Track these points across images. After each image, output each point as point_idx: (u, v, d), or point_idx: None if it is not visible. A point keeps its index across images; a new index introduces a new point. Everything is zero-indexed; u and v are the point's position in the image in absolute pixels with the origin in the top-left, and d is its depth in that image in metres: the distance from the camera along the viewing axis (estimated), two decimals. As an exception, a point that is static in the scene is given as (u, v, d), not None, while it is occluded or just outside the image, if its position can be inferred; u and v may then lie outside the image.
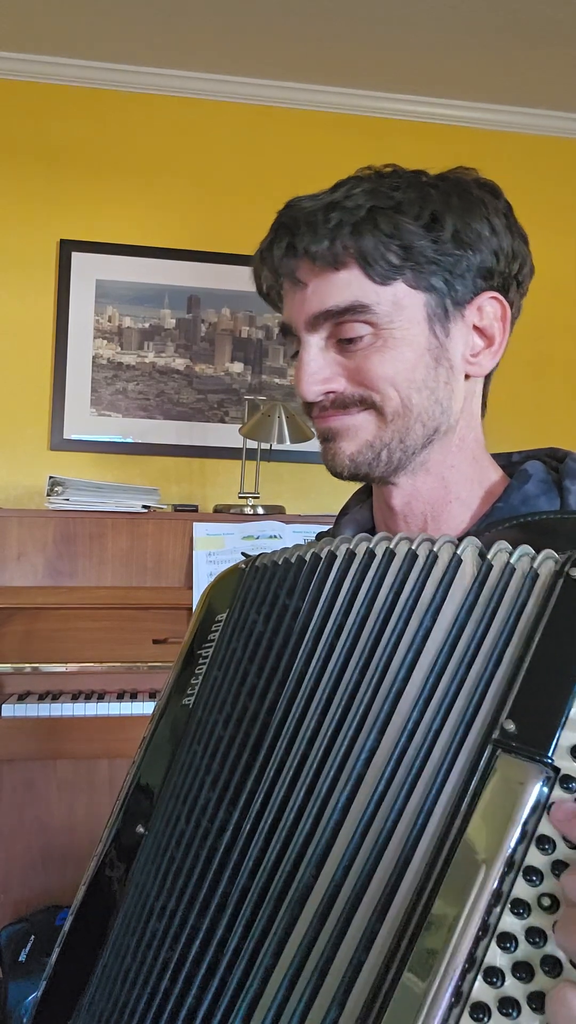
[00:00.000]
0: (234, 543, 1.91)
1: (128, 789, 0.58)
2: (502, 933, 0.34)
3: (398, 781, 0.40)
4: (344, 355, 0.62)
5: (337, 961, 0.39)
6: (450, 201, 0.61)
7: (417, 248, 0.59)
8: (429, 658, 0.43)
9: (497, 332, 0.63)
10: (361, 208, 0.59)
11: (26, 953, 1.65)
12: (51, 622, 1.79)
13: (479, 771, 0.38)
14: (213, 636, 0.58)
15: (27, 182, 2.27)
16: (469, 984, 0.33)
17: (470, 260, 0.60)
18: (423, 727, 0.41)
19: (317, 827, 0.43)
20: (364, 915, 0.39)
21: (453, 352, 0.62)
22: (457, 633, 0.42)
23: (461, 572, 0.44)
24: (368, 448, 0.62)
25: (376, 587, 0.47)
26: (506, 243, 0.62)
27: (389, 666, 0.44)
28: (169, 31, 2.12)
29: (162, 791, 0.55)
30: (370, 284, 0.59)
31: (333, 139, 2.38)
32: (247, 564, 0.59)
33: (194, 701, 0.57)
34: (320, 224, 0.59)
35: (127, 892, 0.53)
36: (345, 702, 0.45)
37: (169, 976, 0.46)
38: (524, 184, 2.48)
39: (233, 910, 0.44)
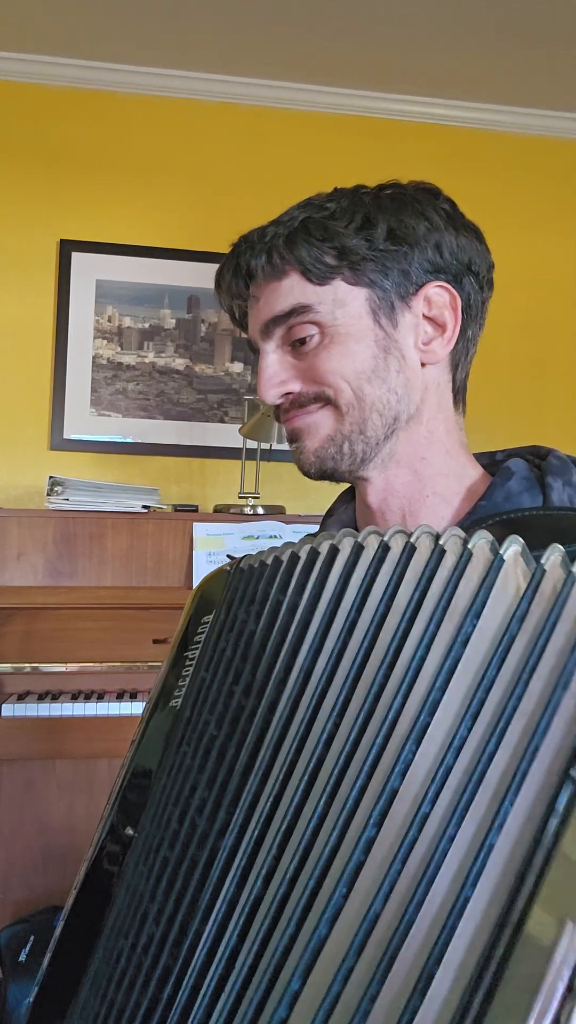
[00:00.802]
0: (234, 543, 1.91)
1: (118, 792, 0.58)
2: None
3: (445, 800, 0.37)
4: (298, 358, 0.65)
5: (382, 1001, 0.35)
6: (382, 204, 0.64)
7: (350, 247, 0.62)
8: (473, 667, 0.39)
9: (448, 320, 0.65)
10: (295, 220, 0.63)
11: (26, 953, 1.65)
12: (51, 622, 1.79)
13: (558, 812, 0.33)
14: (199, 638, 0.58)
15: (27, 182, 2.27)
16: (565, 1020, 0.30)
17: (408, 254, 0.63)
18: (471, 744, 0.37)
19: (343, 838, 0.40)
20: (413, 953, 0.35)
21: (403, 342, 0.64)
22: (508, 642, 0.38)
23: (504, 573, 0.40)
24: (329, 442, 0.64)
25: (396, 583, 0.44)
26: (448, 237, 0.64)
27: (421, 670, 0.40)
28: (169, 31, 2.12)
29: (151, 793, 0.54)
30: (310, 286, 0.63)
31: (332, 139, 2.38)
32: (232, 566, 0.59)
33: (182, 703, 0.56)
34: (258, 241, 0.64)
35: (118, 895, 0.52)
36: (369, 704, 0.42)
37: (159, 977, 0.45)
38: (524, 184, 2.49)
39: (232, 912, 0.44)
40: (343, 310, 0.63)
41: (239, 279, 0.67)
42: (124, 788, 0.58)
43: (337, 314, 0.63)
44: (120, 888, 0.52)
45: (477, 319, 0.68)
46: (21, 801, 1.88)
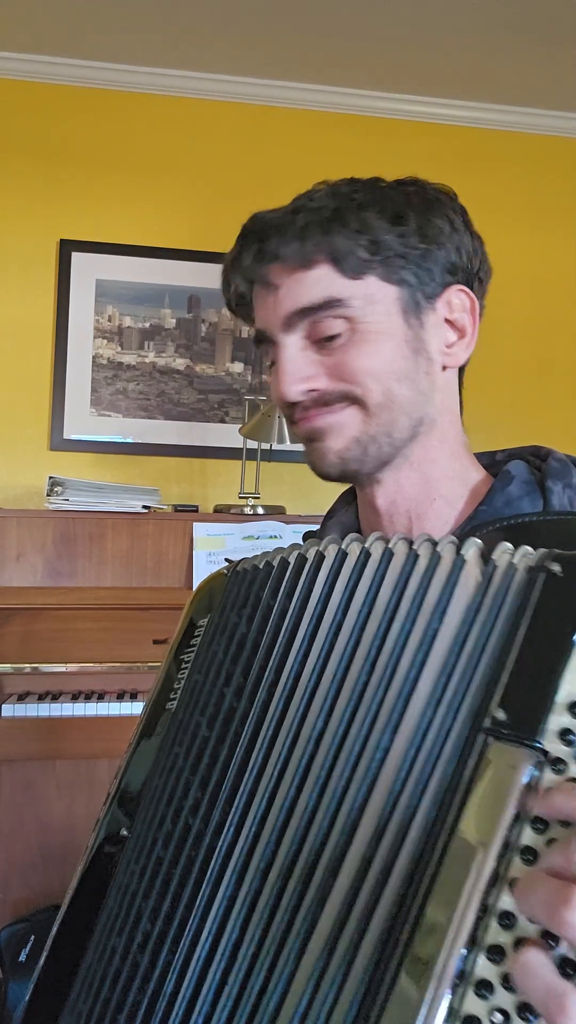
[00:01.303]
0: (234, 543, 1.91)
1: (114, 793, 0.59)
2: (502, 912, 0.34)
3: (413, 779, 0.41)
4: (322, 353, 0.62)
5: (334, 959, 0.39)
6: (410, 200, 0.62)
7: (385, 242, 0.60)
8: (439, 658, 0.42)
9: (468, 324, 0.64)
10: (327, 208, 0.60)
11: (26, 953, 1.66)
12: (51, 622, 1.79)
13: (472, 759, 0.39)
14: (195, 642, 0.59)
15: (27, 182, 2.27)
16: (471, 963, 0.34)
17: (435, 254, 0.62)
18: (435, 726, 0.41)
19: (323, 824, 0.43)
20: (362, 904, 0.39)
21: (429, 343, 0.63)
22: (466, 632, 0.42)
23: (466, 573, 0.44)
24: (355, 444, 0.62)
25: (376, 587, 0.47)
26: (466, 240, 0.64)
27: (398, 666, 0.44)
28: (170, 30, 2.12)
29: (142, 795, 0.55)
30: (342, 279, 0.60)
31: (334, 139, 2.38)
32: (229, 569, 0.59)
33: (176, 705, 0.57)
34: (288, 226, 0.60)
35: (110, 895, 0.53)
36: (354, 702, 0.44)
37: (159, 975, 0.46)
38: (526, 184, 2.48)
39: (232, 907, 0.44)
40: (374, 307, 0.61)
41: (262, 264, 0.62)
42: (119, 790, 0.58)
43: (368, 311, 0.61)
44: (112, 888, 0.53)
45: (480, 319, 0.68)
46: (21, 801, 1.88)
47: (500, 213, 2.46)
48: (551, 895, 0.32)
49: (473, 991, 0.34)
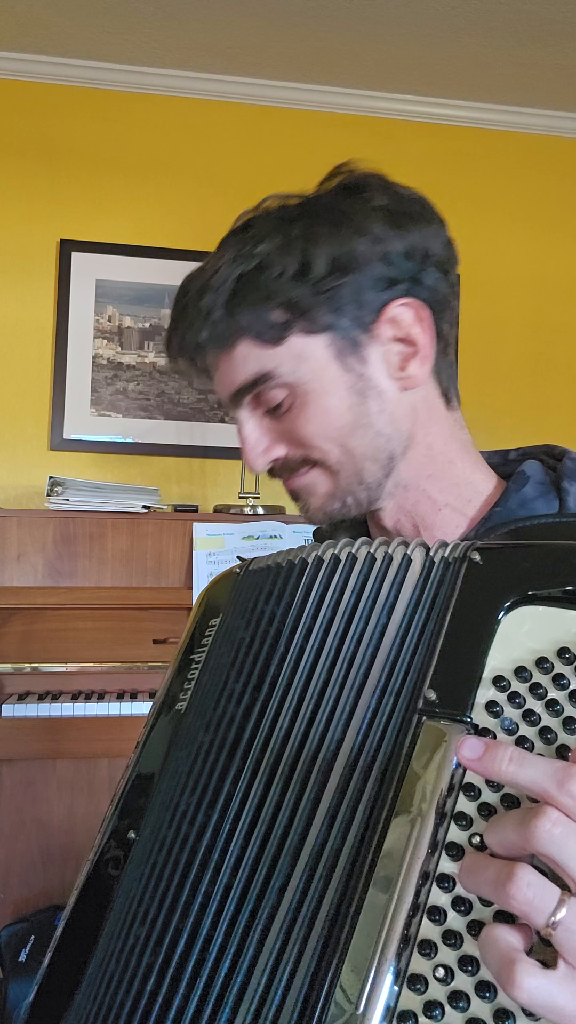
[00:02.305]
0: (234, 543, 1.91)
1: (121, 793, 0.58)
2: (441, 874, 0.37)
3: (361, 767, 0.43)
4: (276, 420, 0.62)
5: (312, 936, 0.41)
6: (316, 232, 0.58)
7: (295, 299, 0.57)
8: (386, 650, 0.46)
9: (419, 336, 0.60)
10: (228, 282, 0.58)
11: (26, 953, 1.66)
12: (51, 622, 1.79)
13: (408, 739, 0.42)
14: (206, 641, 0.59)
15: (27, 182, 2.27)
16: (416, 926, 0.36)
17: (358, 281, 0.58)
18: (382, 714, 0.44)
19: (292, 823, 0.44)
20: (335, 885, 0.41)
21: (377, 378, 0.60)
22: (407, 625, 0.46)
23: (412, 571, 0.48)
24: (331, 499, 0.63)
25: (340, 590, 0.50)
26: (395, 244, 0.58)
27: (353, 662, 0.47)
28: (169, 31, 2.12)
29: (153, 795, 0.55)
30: (265, 350, 0.58)
31: (334, 139, 2.38)
32: (242, 568, 0.59)
33: (186, 706, 0.57)
34: (196, 316, 0.60)
35: (116, 898, 0.52)
36: (315, 701, 0.47)
37: (155, 978, 0.46)
38: (525, 184, 2.49)
39: (215, 909, 0.45)
40: (306, 365, 0.59)
41: (185, 356, 0.63)
42: (127, 790, 0.58)
43: (301, 371, 0.59)
44: (119, 891, 0.53)
45: (450, 306, 0.63)
46: (21, 801, 1.88)
47: (500, 213, 2.46)
48: (495, 874, 0.34)
49: (418, 952, 0.36)
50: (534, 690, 0.40)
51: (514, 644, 0.41)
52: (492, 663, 0.41)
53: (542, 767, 0.35)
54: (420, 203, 0.62)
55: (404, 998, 0.35)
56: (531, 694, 0.40)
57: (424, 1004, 0.35)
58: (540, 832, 0.33)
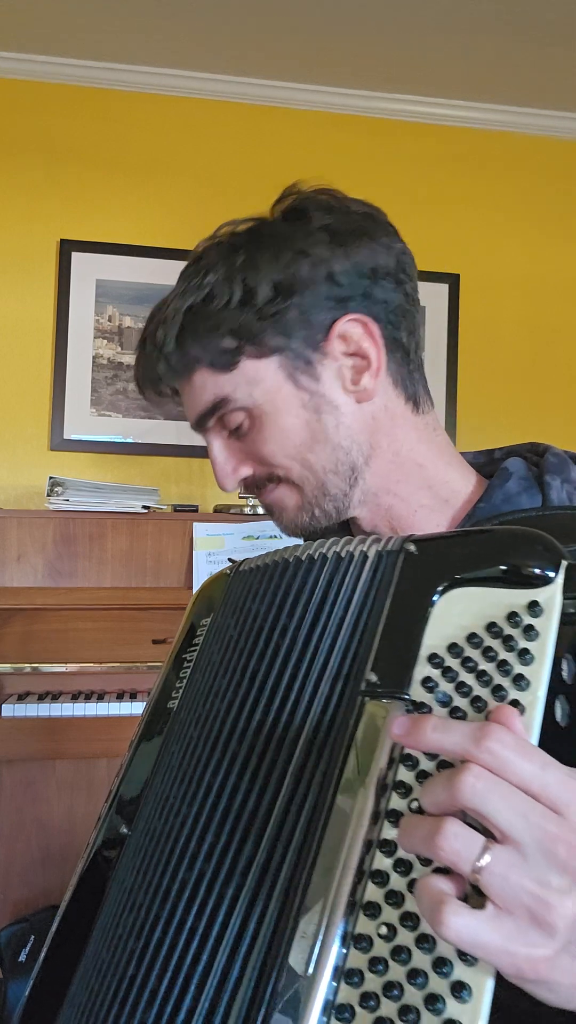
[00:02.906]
0: (234, 543, 1.91)
1: (115, 790, 0.60)
2: (383, 840, 0.40)
3: (314, 749, 0.46)
4: (240, 441, 0.65)
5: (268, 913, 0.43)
6: (256, 260, 0.60)
7: (241, 325, 0.60)
8: (344, 641, 0.49)
9: (370, 350, 0.62)
10: (177, 315, 0.62)
11: (26, 953, 1.66)
12: (51, 622, 1.79)
13: (352, 718, 0.44)
14: (198, 641, 0.61)
15: (27, 182, 2.27)
16: (361, 891, 0.39)
17: (302, 302, 0.60)
18: (332, 699, 0.47)
19: (258, 808, 0.46)
20: (289, 863, 0.43)
21: (331, 393, 0.62)
22: (355, 615, 0.49)
23: (367, 565, 0.51)
24: (300, 512, 0.66)
25: (312, 587, 0.52)
26: (338, 263, 0.60)
27: (316, 654, 0.49)
28: (169, 31, 2.12)
29: (146, 791, 0.56)
30: (220, 376, 0.62)
31: (334, 139, 2.38)
32: (232, 569, 0.62)
33: (178, 704, 0.59)
34: (152, 350, 0.64)
35: (110, 891, 0.54)
36: (283, 693, 0.49)
37: (135, 963, 0.47)
38: (524, 184, 2.48)
39: (188, 895, 0.46)
40: (260, 387, 0.61)
41: (153, 386, 0.67)
42: (120, 787, 0.59)
43: (255, 394, 0.61)
44: (113, 884, 0.54)
45: (406, 316, 0.64)
46: (21, 801, 1.88)
47: (498, 213, 2.46)
48: (426, 830, 0.36)
49: (363, 914, 0.38)
50: (465, 663, 0.42)
51: (447, 623, 0.44)
52: (427, 642, 0.44)
53: (461, 729, 0.37)
54: (369, 217, 0.63)
55: (351, 958, 0.38)
56: (463, 668, 0.42)
57: (369, 961, 0.37)
58: (464, 787, 0.35)
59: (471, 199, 2.44)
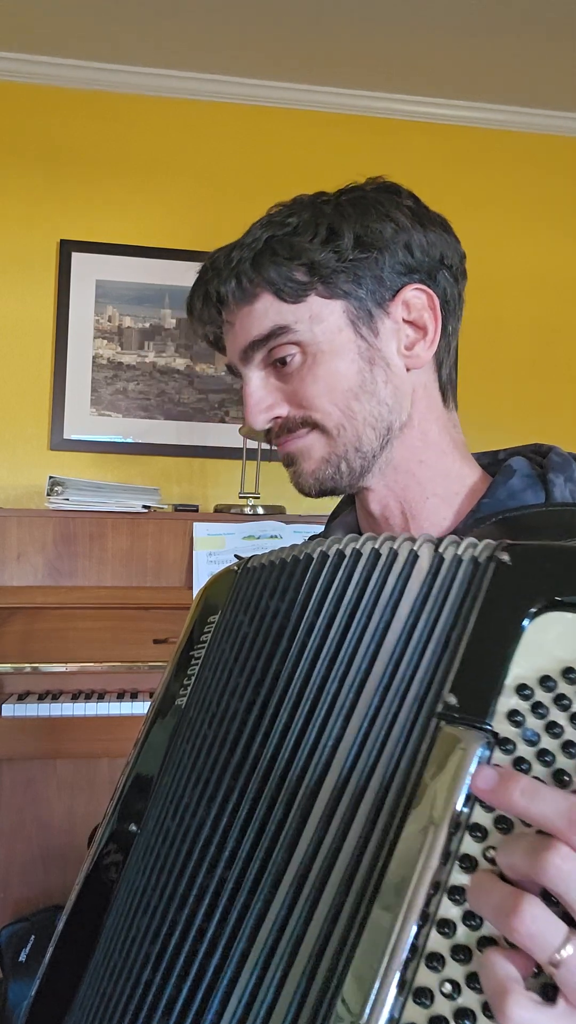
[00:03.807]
0: (234, 543, 1.91)
1: (122, 788, 0.59)
2: (452, 886, 0.36)
3: (361, 765, 0.42)
4: (282, 380, 0.64)
5: (307, 936, 0.40)
6: (344, 212, 0.63)
7: (320, 262, 0.61)
8: (389, 648, 0.45)
9: (428, 322, 0.64)
10: (258, 241, 0.62)
11: (26, 953, 1.65)
12: (51, 622, 1.79)
13: (425, 743, 0.40)
14: (205, 638, 0.59)
15: (27, 182, 2.27)
16: (424, 938, 0.35)
17: (379, 259, 0.62)
18: (383, 712, 0.43)
19: (287, 817, 0.44)
20: (333, 886, 0.41)
21: (386, 350, 0.63)
22: (413, 622, 0.44)
23: (418, 567, 0.46)
24: (325, 464, 0.64)
25: (343, 586, 0.49)
26: (416, 236, 0.63)
27: (353, 659, 0.46)
28: (169, 31, 2.12)
29: (154, 790, 0.56)
30: (285, 306, 0.62)
31: (334, 139, 2.38)
32: (239, 566, 0.60)
33: (186, 702, 0.57)
34: (224, 267, 0.63)
35: (119, 891, 0.53)
36: (314, 696, 0.47)
37: (151, 967, 0.47)
38: (526, 183, 2.49)
39: (208, 902, 0.45)
40: (321, 326, 0.62)
41: (209, 307, 0.66)
42: (128, 785, 0.59)
43: (316, 331, 0.62)
44: (122, 884, 0.53)
45: (455, 312, 0.67)
46: (21, 801, 1.88)
47: (500, 213, 2.46)
48: (502, 902, 0.33)
49: (425, 965, 0.35)
50: (559, 701, 0.38)
51: (540, 652, 0.39)
52: (516, 670, 0.39)
53: (554, 803, 0.34)
54: (442, 220, 0.67)
55: (409, 1010, 0.35)
56: (555, 705, 0.38)
57: (429, 1019, 0.34)
58: (549, 867, 0.32)
59: (472, 198, 2.44)
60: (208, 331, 0.68)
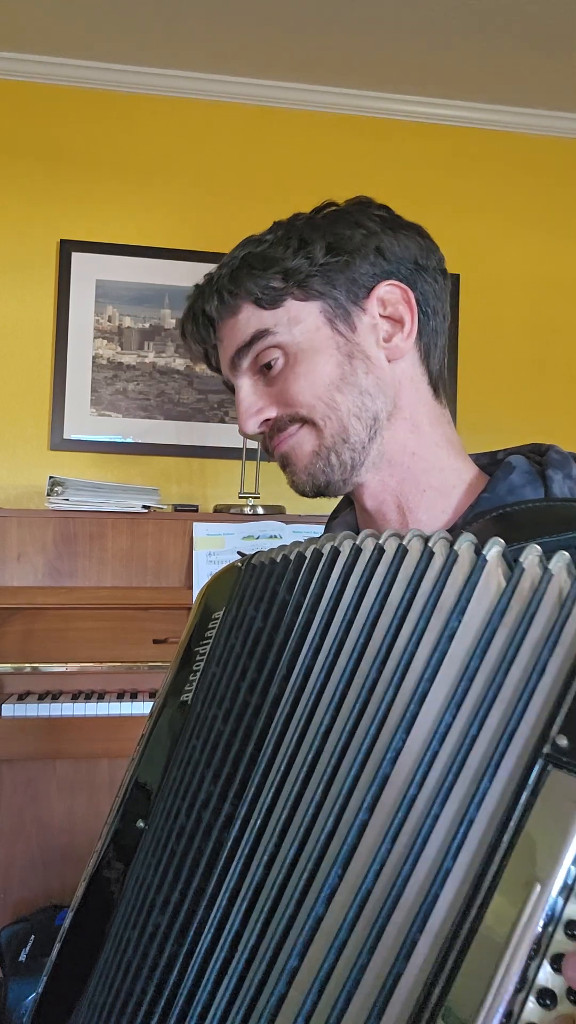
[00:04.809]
0: (234, 543, 1.91)
1: (127, 786, 0.59)
2: (556, 955, 0.32)
3: (431, 783, 0.39)
4: (269, 384, 0.67)
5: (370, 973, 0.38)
6: (316, 224, 0.67)
7: (293, 268, 0.65)
8: (458, 660, 0.41)
9: (404, 314, 0.66)
10: (236, 259, 0.67)
11: (26, 953, 1.65)
12: (51, 622, 1.79)
13: (529, 786, 0.35)
14: (210, 634, 0.59)
15: (27, 182, 2.27)
16: (520, 1005, 0.33)
17: (350, 262, 0.65)
18: (455, 730, 0.39)
19: (339, 823, 0.42)
20: (399, 924, 0.38)
21: (364, 343, 0.66)
22: (489, 636, 0.40)
23: (486, 572, 0.42)
24: (316, 457, 0.66)
25: (389, 583, 0.45)
26: (387, 240, 0.66)
27: (411, 664, 0.42)
28: (169, 31, 2.12)
29: (161, 786, 0.55)
30: (264, 312, 0.66)
31: (334, 140, 2.38)
32: (243, 562, 0.60)
33: (192, 697, 0.57)
34: (207, 287, 0.69)
35: (127, 887, 0.53)
36: (364, 698, 0.44)
37: (164, 965, 0.47)
38: (525, 184, 2.49)
39: (235, 899, 0.45)
40: (300, 326, 0.65)
41: (199, 326, 0.70)
42: (134, 780, 0.58)
43: (295, 331, 0.65)
44: (130, 880, 0.53)
45: (439, 312, 0.69)
46: (21, 801, 1.88)
47: (499, 213, 2.46)
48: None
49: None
50: None
51: None
52: None
53: None
54: (417, 227, 0.69)
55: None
56: None
57: None
58: None
59: (471, 199, 2.44)
60: (202, 350, 0.72)
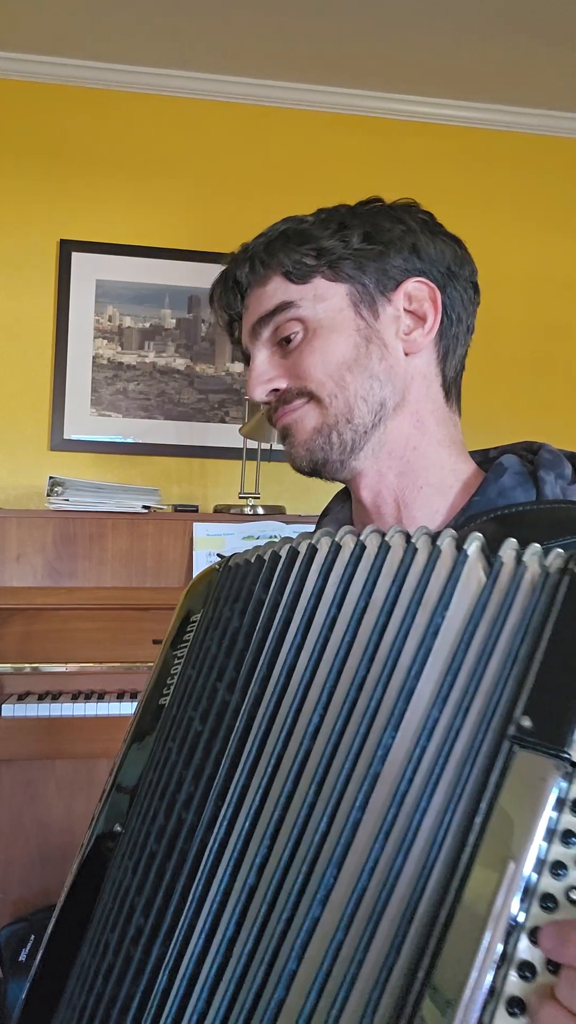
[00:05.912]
0: (234, 543, 1.91)
1: (108, 790, 0.59)
2: (533, 928, 0.34)
3: (420, 778, 0.40)
4: (285, 356, 0.68)
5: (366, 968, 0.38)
6: (358, 213, 0.68)
7: (328, 247, 0.66)
8: (442, 655, 0.41)
9: (428, 311, 0.67)
10: (275, 231, 0.68)
11: (26, 953, 1.66)
12: (51, 622, 1.79)
13: (497, 767, 0.37)
14: (188, 637, 0.58)
15: (27, 182, 2.27)
16: (502, 979, 0.34)
17: (384, 253, 0.66)
18: (441, 725, 0.40)
19: (332, 823, 0.42)
20: (391, 918, 0.38)
21: (384, 332, 0.66)
22: (472, 630, 0.41)
23: (468, 568, 0.42)
24: (317, 433, 0.67)
25: (373, 580, 0.45)
26: (424, 240, 0.67)
27: (399, 661, 0.42)
28: (169, 31, 2.12)
29: (137, 789, 0.55)
30: (292, 286, 0.66)
31: (333, 139, 2.38)
32: (220, 565, 0.59)
33: (170, 700, 0.56)
34: (241, 255, 0.70)
35: (104, 889, 0.53)
36: (352, 695, 0.43)
37: (151, 969, 0.46)
38: (525, 184, 2.49)
39: (227, 901, 0.44)
40: (324, 304, 0.66)
41: (228, 292, 0.71)
42: (113, 786, 0.58)
43: (319, 308, 0.66)
44: (107, 883, 0.53)
45: (463, 321, 0.70)
46: (21, 801, 1.88)
47: (500, 213, 2.46)
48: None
49: (505, 1009, 0.33)
50: None
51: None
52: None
53: None
54: (456, 239, 0.70)
55: None
56: None
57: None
58: None
59: (471, 198, 2.44)
60: (227, 317, 0.73)
